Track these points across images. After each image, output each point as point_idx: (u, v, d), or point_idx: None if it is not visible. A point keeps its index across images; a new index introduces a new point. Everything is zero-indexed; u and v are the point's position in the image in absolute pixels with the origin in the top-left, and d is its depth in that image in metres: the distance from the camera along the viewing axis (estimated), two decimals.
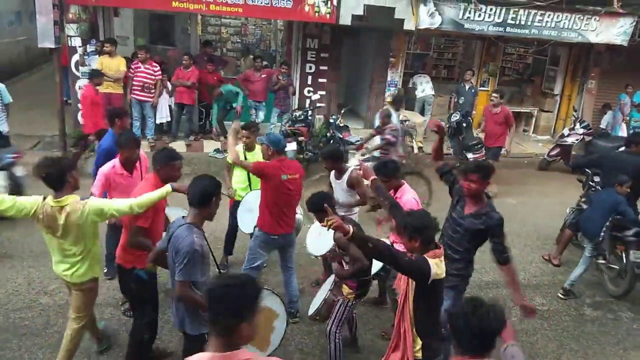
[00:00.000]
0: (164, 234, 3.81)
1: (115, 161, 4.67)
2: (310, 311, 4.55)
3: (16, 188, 6.74)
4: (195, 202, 3.34)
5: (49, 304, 5.14)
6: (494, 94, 9.12)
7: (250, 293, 2.10)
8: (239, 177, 5.84)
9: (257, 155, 5.66)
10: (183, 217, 3.40)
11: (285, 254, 5.16)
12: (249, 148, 5.69)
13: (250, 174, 5.68)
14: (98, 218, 3.76)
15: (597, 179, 7.02)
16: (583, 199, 7.08)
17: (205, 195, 3.33)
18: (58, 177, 3.62)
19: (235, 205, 5.75)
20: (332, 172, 5.47)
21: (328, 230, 3.27)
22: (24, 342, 4.56)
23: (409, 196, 4.69)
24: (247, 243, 6.14)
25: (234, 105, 9.95)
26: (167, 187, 3.83)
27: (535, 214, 8.48)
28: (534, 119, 12.98)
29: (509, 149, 9.41)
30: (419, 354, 3.30)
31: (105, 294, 5.35)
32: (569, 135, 10.77)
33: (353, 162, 7.16)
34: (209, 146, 10.10)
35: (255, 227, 5.11)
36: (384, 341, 4.98)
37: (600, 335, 5.51)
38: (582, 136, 10.74)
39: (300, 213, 5.30)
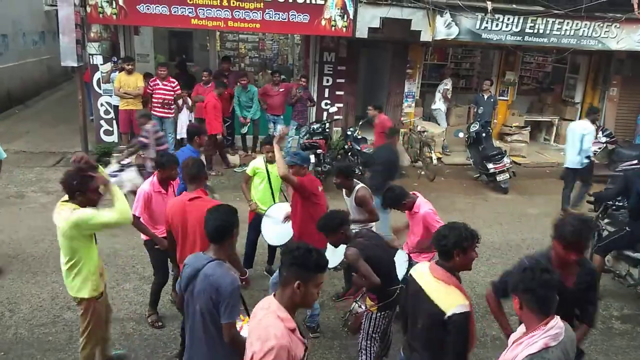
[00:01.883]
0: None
1: (154, 179, 4.77)
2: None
3: None
4: (217, 239, 3.10)
5: (73, 319, 5.16)
6: (369, 107, 8.93)
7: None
8: (261, 190, 5.86)
9: (275, 169, 5.72)
10: (203, 252, 3.18)
11: None
12: (269, 160, 5.76)
13: (274, 188, 5.74)
14: (77, 230, 3.62)
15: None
16: (605, 220, 6.50)
17: (226, 231, 3.11)
18: (67, 188, 3.68)
19: (255, 218, 5.77)
20: (344, 191, 5.42)
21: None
22: (47, 357, 4.61)
23: (426, 208, 4.66)
24: (264, 257, 6.20)
25: (247, 116, 10.02)
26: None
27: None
28: (554, 128, 12.81)
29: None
30: None
31: (128, 309, 5.42)
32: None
33: (112, 168, 6.92)
34: (230, 160, 10.15)
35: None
36: None
37: (630, 349, 5.35)
38: (604, 144, 10.56)
39: None
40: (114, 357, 4.55)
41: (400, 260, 4.61)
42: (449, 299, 2.89)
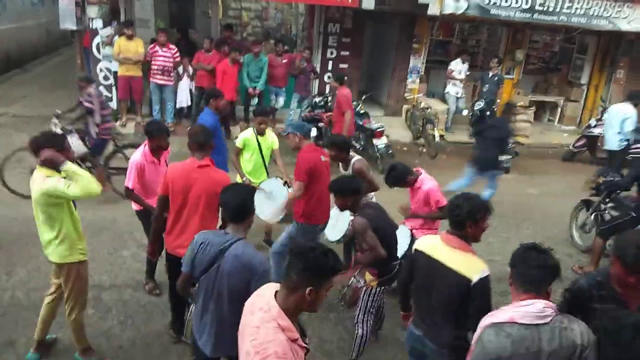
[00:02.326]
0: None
1: (145, 149, 4.59)
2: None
3: None
4: (239, 218, 3.01)
5: None
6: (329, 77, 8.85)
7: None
8: (252, 163, 5.70)
9: (268, 140, 5.68)
10: (225, 232, 3.04)
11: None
12: (260, 132, 5.61)
13: (265, 160, 5.67)
14: (48, 199, 3.56)
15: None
16: (609, 204, 6.40)
17: (247, 210, 3.04)
18: (34, 150, 3.62)
19: None
20: (340, 164, 5.32)
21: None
22: None
23: (430, 184, 4.61)
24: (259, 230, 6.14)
25: (256, 87, 9.80)
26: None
27: (558, 206, 8.27)
28: (559, 109, 12.69)
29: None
30: None
31: (125, 276, 5.40)
32: (595, 125, 10.46)
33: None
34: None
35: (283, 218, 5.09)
36: (403, 330, 4.91)
37: None
38: None
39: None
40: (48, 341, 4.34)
41: (403, 235, 4.58)
42: (472, 266, 2.92)
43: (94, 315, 4.73)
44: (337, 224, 5.01)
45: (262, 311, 2.22)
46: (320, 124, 9.08)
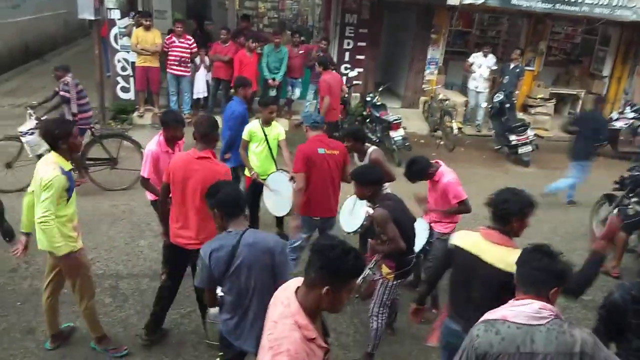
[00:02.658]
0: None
1: (160, 139, 4.54)
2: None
3: None
4: (237, 213, 3.02)
5: None
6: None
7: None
8: (259, 155, 5.63)
9: (274, 130, 5.62)
10: (228, 232, 2.97)
11: (323, 234, 5.04)
12: (265, 122, 5.57)
13: (273, 151, 5.64)
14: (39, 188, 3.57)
15: None
16: (634, 199, 6.20)
17: (242, 202, 3.11)
18: (51, 137, 3.65)
19: (253, 183, 5.63)
20: (356, 155, 5.28)
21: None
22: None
23: (449, 177, 4.52)
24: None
25: (275, 78, 9.74)
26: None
27: (580, 201, 8.12)
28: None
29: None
30: None
31: (143, 265, 5.43)
32: (617, 119, 10.26)
33: (28, 125, 6.79)
34: None
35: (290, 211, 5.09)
36: (419, 325, 4.86)
37: None
38: (631, 120, 10.22)
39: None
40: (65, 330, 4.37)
41: (421, 229, 4.51)
42: (511, 262, 2.78)
43: (111, 304, 4.76)
44: (353, 215, 4.96)
45: (283, 305, 2.15)
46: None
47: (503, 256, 2.85)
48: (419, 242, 4.47)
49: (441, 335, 3.33)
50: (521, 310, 2.25)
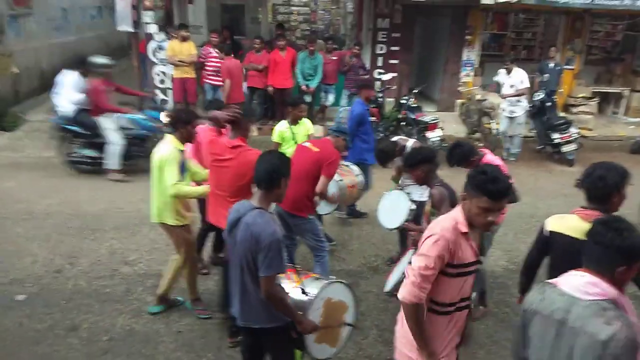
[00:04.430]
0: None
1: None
2: (387, 287, 4.32)
3: None
4: (264, 183, 2.90)
5: (129, 274, 5.24)
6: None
7: None
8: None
9: (302, 127, 5.65)
10: (249, 200, 2.98)
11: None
12: (293, 121, 5.61)
13: None
14: (160, 163, 4.10)
15: None
16: None
17: (275, 176, 2.90)
18: (175, 118, 4.24)
19: None
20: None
21: None
22: (105, 308, 4.66)
23: (497, 163, 4.35)
24: None
25: (309, 85, 9.78)
26: (207, 190, 4.17)
27: (632, 201, 7.73)
28: (624, 100, 11.98)
29: None
30: None
31: None
32: None
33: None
34: None
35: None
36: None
37: None
38: None
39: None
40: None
41: None
42: None
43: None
44: (394, 210, 4.83)
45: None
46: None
47: None
48: None
49: None
50: (572, 279, 2.17)
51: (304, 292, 3.22)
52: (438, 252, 2.47)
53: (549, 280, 2.28)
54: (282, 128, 5.65)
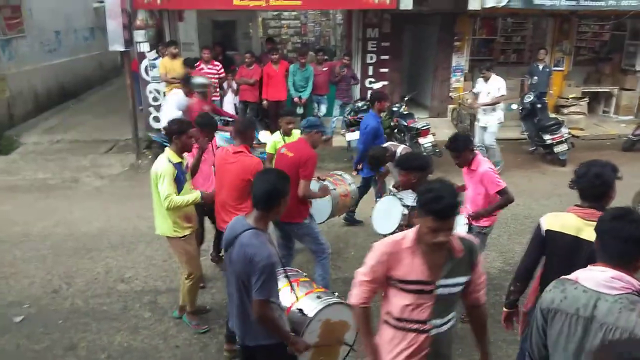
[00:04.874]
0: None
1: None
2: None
3: None
4: (262, 204, 2.83)
5: (126, 291, 5.25)
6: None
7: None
8: None
9: (294, 139, 5.61)
10: (246, 217, 2.93)
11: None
12: (286, 133, 5.65)
13: None
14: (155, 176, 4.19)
15: None
16: None
17: (274, 196, 2.83)
18: (168, 131, 4.30)
19: None
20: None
21: None
22: (102, 326, 4.67)
23: (486, 166, 4.39)
24: None
25: (301, 96, 9.86)
26: (198, 195, 4.34)
27: (627, 196, 7.78)
28: (614, 99, 12.07)
29: None
30: None
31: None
32: None
33: None
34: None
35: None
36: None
37: None
38: None
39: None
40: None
41: (459, 224, 4.38)
42: None
43: (150, 318, 4.78)
44: (388, 216, 4.86)
45: None
46: None
47: None
48: None
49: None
50: (594, 275, 2.15)
51: (301, 312, 3.22)
52: (372, 261, 2.51)
53: (567, 277, 2.24)
54: (275, 139, 5.73)
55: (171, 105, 7.51)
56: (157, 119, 10.34)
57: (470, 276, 2.58)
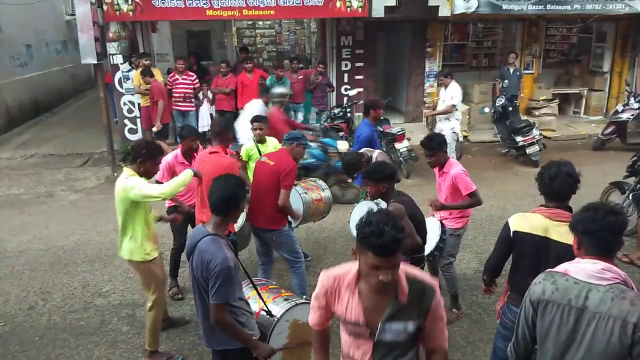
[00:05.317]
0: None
1: (177, 151, 5.00)
2: None
3: None
4: (220, 210, 2.92)
5: (104, 305, 5.20)
6: None
7: None
8: None
9: (268, 148, 5.65)
10: (203, 224, 3.03)
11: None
12: (260, 140, 5.63)
13: None
14: (125, 195, 3.87)
15: None
16: None
17: (231, 201, 2.91)
18: (134, 152, 3.99)
19: None
20: None
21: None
22: (80, 341, 4.62)
23: (457, 169, 4.49)
24: None
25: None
26: (189, 172, 4.15)
27: (597, 194, 7.98)
28: (584, 100, 12.40)
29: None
30: None
31: None
32: (623, 111, 10.17)
33: None
34: None
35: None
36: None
37: None
38: (637, 111, 10.13)
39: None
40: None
41: (432, 226, 4.47)
42: None
43: (129, 331, 4.74)
44: None
45: None
46: (341, 134, 9.07)
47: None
48: (432, 240, 4.42)
49: (507, 320, 3.16)
50: (584, 267, 2.23)
51: (268, 314, 3.25)
52: (317, 291, 2.36)
53: (556, 270, 2.31)
54: (248, 146, 5.74)
55: (250, 115, 7.41)
56: (132, 131, 10.30)
57: (421, 322, 2.26)
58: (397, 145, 8.64)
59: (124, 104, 10.23)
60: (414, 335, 2.28)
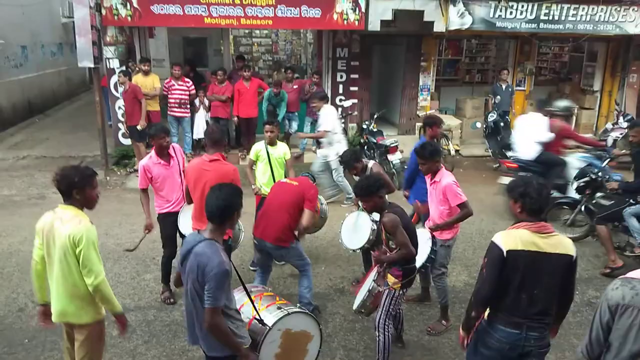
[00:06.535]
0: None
1: (152, 153, 5.05)
2: (355, 305, 4.41)
3: None
4: (216, 217, 2.94)
5: None
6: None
7: None
8: (263, 172, 5.94)
9: (278, 150, 5.91)
10: (199, 231, 3.06)
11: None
12: (271, 143, 5.87)
13: (274, 169, 5.88)
14: (76, 251, 3.10)
15: None
16: (598, 194, 6.65)
17: (227, 210, 2.95)
18: (66, 184, 3.15)
19: (262, 202, 5.73)
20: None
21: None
22: None
23: (449, 180, 4.57)
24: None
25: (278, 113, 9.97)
26: (120, 310, 3.44)
27: None
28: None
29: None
30: None
31: (149, 297, 5.44)
32: (612, 130, 10.38)
33: None
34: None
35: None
36: (430, 337, 4.82)
37: None
38: (626, 130, 10.32)
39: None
40: None
41: (423, 238, 4.53)
42: (567, 243, 3.00)
43: (118, 335, 4.72)
44: (357, 231, 4.98)
45: None
46: None
47: (559, 242, 2.95)
48: (424, 252, 4.49)
49: (500, 345, 3.04)
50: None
51: (260, 322, 3.28)
52: None
53: (631, 276, 2.45)
54: (259, 147, 5.97)
55: (540, 129, 7.43)
56: (126, 135, 10.29)
57: None
58: (390, 157, 8.74)
59: (119, 108, 10.21)
60: None
